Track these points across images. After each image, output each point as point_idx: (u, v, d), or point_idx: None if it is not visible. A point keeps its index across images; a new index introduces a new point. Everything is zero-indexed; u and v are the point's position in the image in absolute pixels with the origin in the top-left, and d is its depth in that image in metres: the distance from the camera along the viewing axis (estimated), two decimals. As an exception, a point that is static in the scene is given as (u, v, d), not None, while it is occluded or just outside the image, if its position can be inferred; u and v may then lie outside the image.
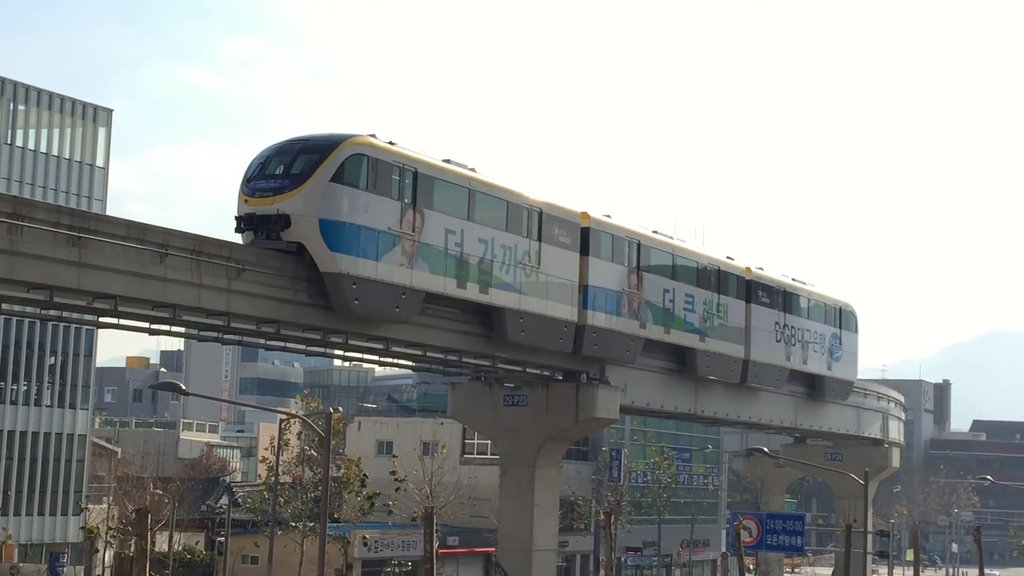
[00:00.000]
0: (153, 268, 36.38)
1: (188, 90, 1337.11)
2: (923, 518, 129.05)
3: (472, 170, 48.17)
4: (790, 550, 61.47)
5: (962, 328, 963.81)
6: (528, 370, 53.02)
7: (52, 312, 38.89)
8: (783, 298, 70.49)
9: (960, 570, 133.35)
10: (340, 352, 47.35)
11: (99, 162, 76.57)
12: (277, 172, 42.06)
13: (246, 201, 42.03)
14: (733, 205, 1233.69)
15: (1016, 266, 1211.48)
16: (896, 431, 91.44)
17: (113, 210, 76.66)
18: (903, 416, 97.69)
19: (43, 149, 74.09)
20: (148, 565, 34.29)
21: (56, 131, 75.03)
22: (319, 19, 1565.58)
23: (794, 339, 71.22)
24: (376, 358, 50.16)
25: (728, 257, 66.64)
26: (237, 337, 43.07)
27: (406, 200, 44.00)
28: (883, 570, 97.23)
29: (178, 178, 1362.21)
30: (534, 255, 50.64)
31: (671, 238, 61.63)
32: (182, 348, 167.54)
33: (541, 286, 51.13)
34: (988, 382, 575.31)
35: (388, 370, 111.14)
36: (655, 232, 60.00)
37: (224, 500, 79.33)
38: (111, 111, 77.76)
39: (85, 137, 76.13)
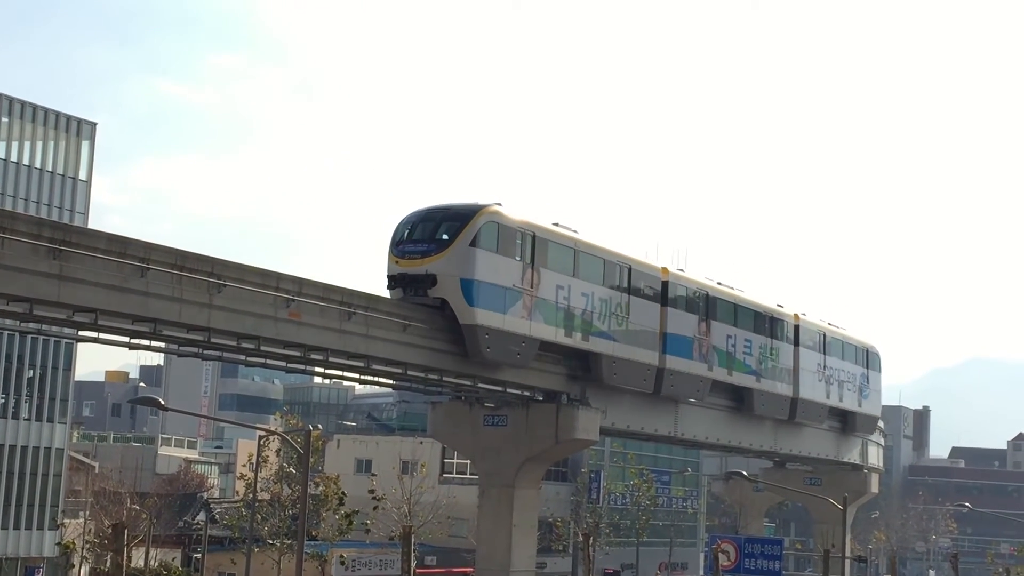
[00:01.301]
0: (134, 282, 36.24)
1: (171, 105, 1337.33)
2: (901, 544, 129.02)
3: (575, 232, 54.71)
4: (768, 574, 61.31)
5: (942, 355, 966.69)
6: (508, 390, 52.94)
7: (31, 325, 38.68)
8: (823, 341, 77.99)
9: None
10: (320, 369, 47.21)
11: (82, 175, 76.32)
12: (423, 237, 49.02)
13: (397, 262, 49.10)
14: (716, 227, 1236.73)
15: (996, 294, 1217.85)
16: (875, 456, 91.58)
17: (94, 224, 76.41)
18: (882, 442, 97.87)
19: (25, 161, 73.83)
20: (123, 581, 34.16)
21: (39, 143, 74.81)
22: (303, 35, 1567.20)
23: (832, 378, 78.83)
24: (357, 376, 50.08)
25: (779, 304, 74.16)
26: (217, 353, 42.95)
27: (526, 260, 50.93)
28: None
29: (160, 193, 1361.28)
30: (625, 306, 57.36)
31: (732, 288, 68.40)
32: (162, 363, 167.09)
33: (630, 334, 57.80)
34: (967, 409, 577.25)
35: (368, 388, 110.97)
36: (719, 283, 67.05)
37: (201, 516, 78.98)
38: (95, 124, 77.58)
39: (68, 150, 75.90)
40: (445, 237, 48.76)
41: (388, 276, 49.43)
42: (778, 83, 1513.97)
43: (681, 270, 63.08)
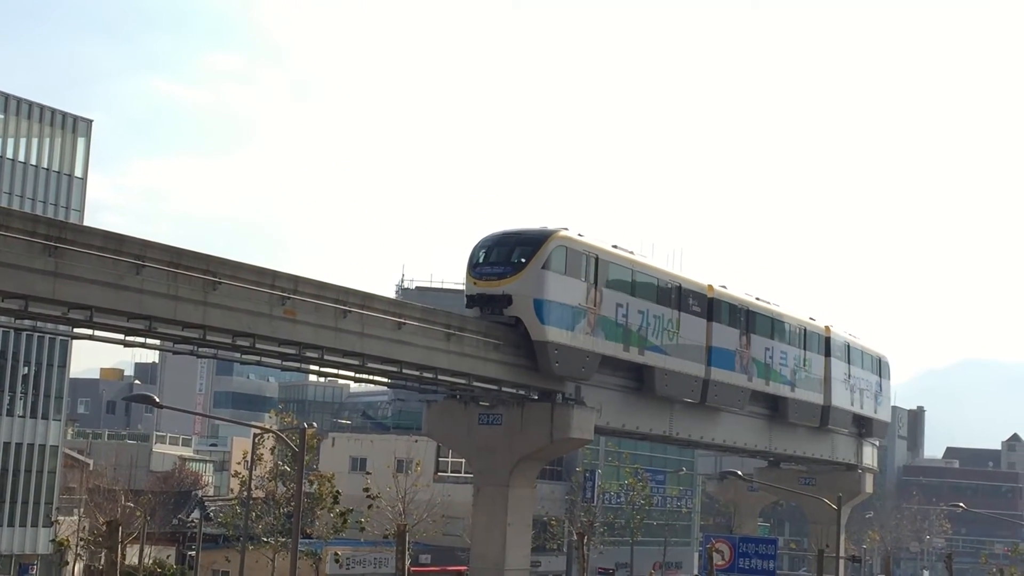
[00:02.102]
0: (129, 279, 36.20)
1: (166, 104, 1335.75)
2: (895, 544, 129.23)
3: (631, 253, 58.72)
4: (762, 574, 61.36)
5: (936, 356, 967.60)
6: (503, 389, 52.95)
7: (26, 322, 38.64)
8: (848, 351, 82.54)
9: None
10: (315, 367, 47.21)
11: (77, 172, 76.23)
12: (499, 260, 52.85)
13: (475, 283, 53.06)
14: (709, 225, 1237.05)
15: (990, 295, 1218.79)
16: (870, 457, 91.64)
17: (89, 221, 76.33)
18: (877, 442, 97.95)
19: (21, 158, 73.75)
20: (118, 578, 34.11)
21: (35, 140, 74.71)
22: (299, 35, 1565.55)
23: (855, 387, 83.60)
24: (351, 374, 50.11)
25: (811, 318, 78.69)
26: (212, 350, 42.94)
27: (590, 281, 54.71)
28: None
29: (154, 191, 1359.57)
30: (675, 322, 61.65)
31: (769, 303, 72.77)
32: (156, 361, 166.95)
33: (680, 348, 62.12)
34: (961, 409, 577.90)
35: (363, 386, 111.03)
36: (758, 299, 71.27)
37: (196, 514, 79.00)
38: (91, 121, 77.48)
39: (64, 147, 75.81)
40: (519, 260, 52.55)
41: (467, 296, 53.68)
42: (777, 83, 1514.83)
43: (724, 287, 67.20)
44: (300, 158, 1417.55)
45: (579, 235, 55.11)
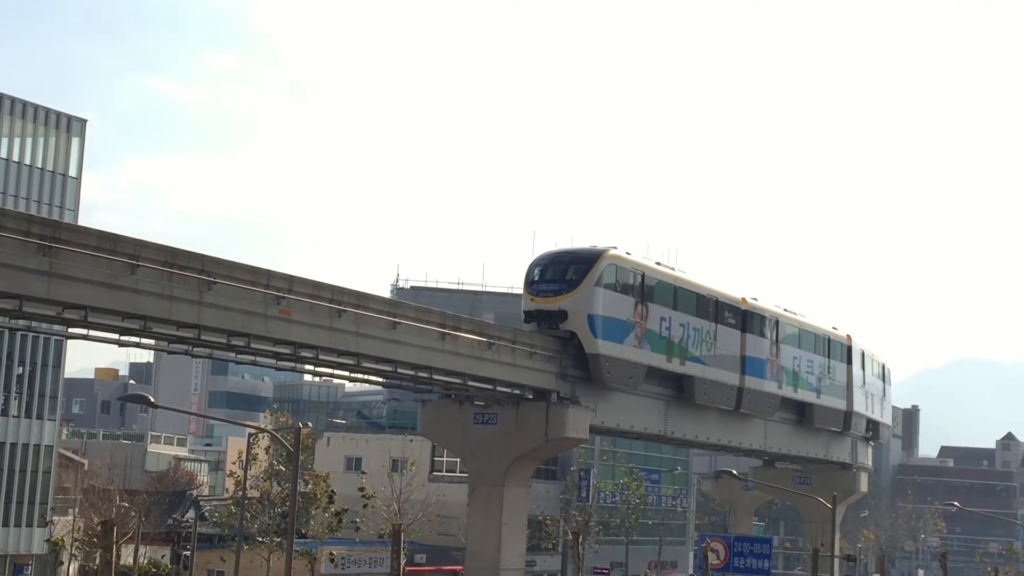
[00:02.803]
0: (124, 279, 36.15)
1: (160, 103, 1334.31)
2: (890, 543, 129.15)
3: (672, 269, 62.47)
4: (757, 573, 61.24)
5: (931, 355, 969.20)
6: (498, 388, 52.93)
7: (21, 322, 38.60)
8: (862, 359, 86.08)
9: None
10: (310, 367, 47.19)
11: (72, 172, 76.15)
12: (554, 278, 56.26)
13: (532, 300, 56.42)
14: (705, 225, 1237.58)
15: (985, 294, 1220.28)
16: (865, 456, 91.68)
17: (83, 221, 76.21)
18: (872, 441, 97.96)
19: (15, 158, 73.64)
20: (112, 578, 34.10)
21: (29, 140, 74.60)
22: (294, 35, 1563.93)
23: (870, 393, 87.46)
24: (346, 374, 50.10)
25: (833, 327, 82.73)
26: (207, 350, 42.90)
27: (637, 296, 58.39)
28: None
29: (148, 190, 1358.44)
30: (712, 334, 65.42)
31: (795, 313, 76.75)
32: (151, 360, 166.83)
33: (717, 358, 65.97)
34: (956, 409, 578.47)
35: (358, 386, 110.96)
36: (786, 310, 75.26)
37: (191, 514, 78.95)
38: (85, 121, 77.37)
39: (58, 147, 75.71)
40: (573, 278, 55.99)
41: (524, 311, 57.20)
42: (773, 82, 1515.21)
43: (755, 299, 71.11)
44: (295, 158, 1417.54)
45: (627, 253, 58.86)
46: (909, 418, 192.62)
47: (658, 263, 61.60)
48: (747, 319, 69.45)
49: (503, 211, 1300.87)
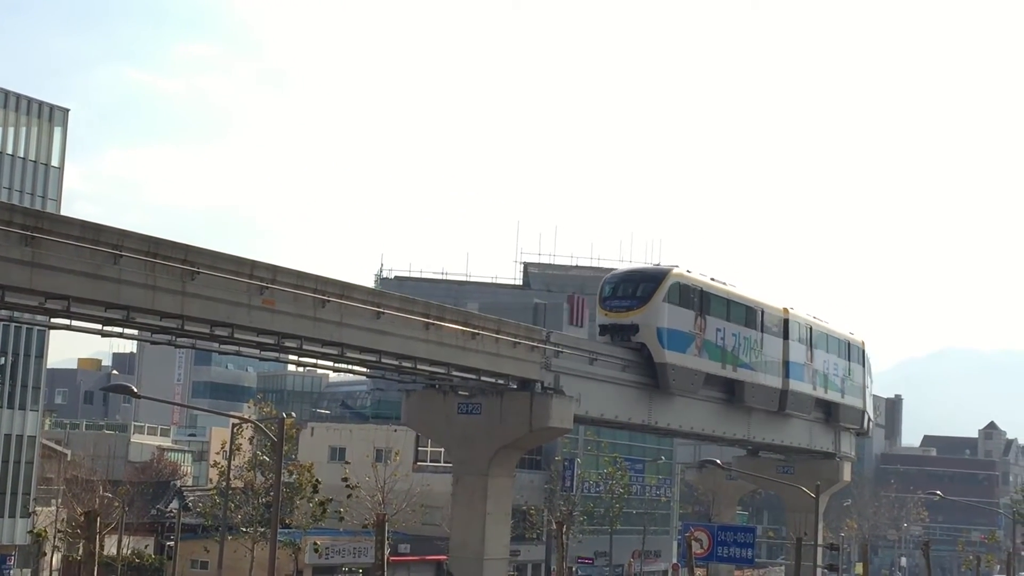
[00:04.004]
0: (107, 269, 36.07)
1: (140, 94, 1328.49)
2: (873, 532, 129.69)
3: (724, 283, 70.02)
4: (741, 562, 61.60)
5: (913, 344, 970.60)
6: (483, 378, 52.93)
7: (3, 312, 38.45)
8: (864, 359, 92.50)
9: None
10: (294, 357, 47.14)
11: (54, 162, 75.80)
12: (626, 295, 63.14)
13: (606, 315, 63.72)
14: (689, 216, 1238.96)
15: (968, 283, 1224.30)
16: (848, 445, 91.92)
17: (64, 211, 75.86)
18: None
19: (-3, 147, 73.30)
20: (96, 569, 34.01)
21: (11, 129, 74.23)
22: (275, 24, 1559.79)
23: (867, 390, 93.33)
24: (330, 364, 50.06)
25: (851, 332, 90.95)
26: (190, 340, 42.84)
27: (696, 310, 65.27)
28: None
29: (128, 181, 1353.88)
30: (759, 342, 72.65)
31: (825, 321, 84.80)
32: (134, 351, 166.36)
33: (763, 364, 73.28)
34: (939, 398, 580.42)
35: (342, 376, 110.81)
36: (815, 318, 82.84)
37: (174, 504, 78.84)
38: (67, 111, 76.98)
39: (40, 136, 75.35)
40: (643, 295, 62.80)
41: (599, 325, 64.98)
42: (775, 82, 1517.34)
43: (791, 308, 78.61)
44: (278, 149, 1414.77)
45: (688, 271, 65.98)
46: (892, 407, 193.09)
47: (712, 279, 68.93)
48: (788, 327, 76.80)
49: (487, 201, 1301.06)
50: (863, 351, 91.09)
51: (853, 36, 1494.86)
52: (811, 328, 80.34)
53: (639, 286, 63.38)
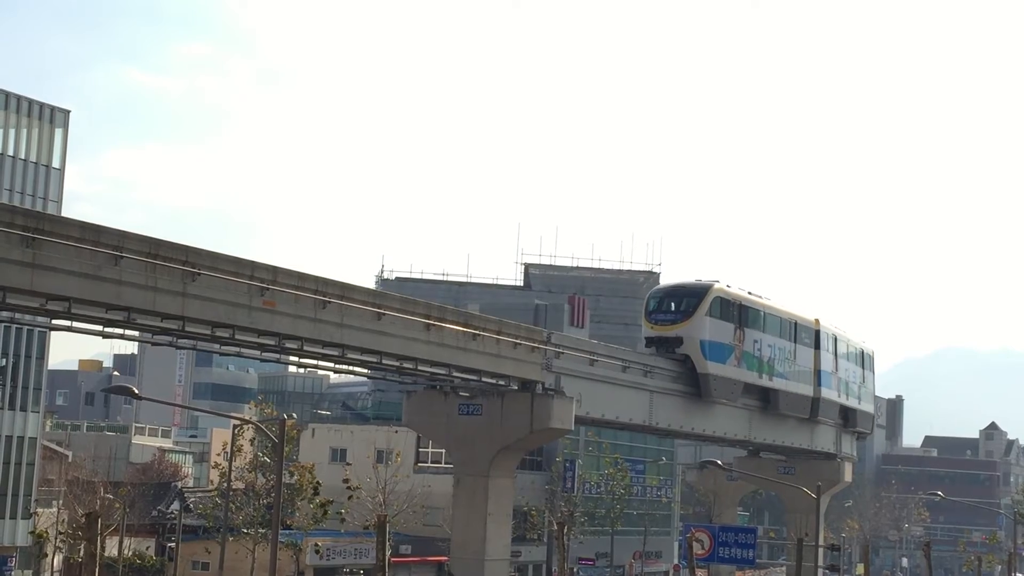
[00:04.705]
0: (108, 270, 36.09)
1: (138, 94, 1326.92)
2: (874, 532, 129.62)
3: (760, 296, 74.28)
4: (742, 563, 61.51)
5: (914, 345, 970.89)
6: (483, 379, 52.94)
7: (4, 313, 38.49)
8: (872, 364, 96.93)
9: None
10: (295, 358, 47.15)
11: (55, 163, 75.77)
12: (670, 309, 67.65)
13: (651, 328, 68.05)
14: (689, 216, 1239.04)
15: (967, 284, 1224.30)
16: (848, 446, 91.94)
17: (66, 213, 75.81)
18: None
19: (-2, 149, 73.24)
20: (98, 570, 33.97)
21: (12, 131, 74.20)
22: (271, 23, 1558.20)
23: (872, 393, 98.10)
24: (331, 365, 50.07)
25: (864, 340, 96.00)
26: (191, 341, 42.85)
27: (736, 323, 69.50)
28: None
29: (129, 182, 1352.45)
30: (792, 352, 77.14)
31: (845, 330, 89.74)
32: (135, 352, 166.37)
33: (796, 373, 77.96)
34: (939, 398, 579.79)
35: (343, 377, 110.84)
36: (835, 326, 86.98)
37: (175, 505, 78.81)
38: (68, 112, 76.93)
39: (41, 138, 75.30)
40: (686, 309, 67.07)
41: (645, 338, 68.94)
42: (775, 82, 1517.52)
43: (820, 319, 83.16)
44: (276, 148, 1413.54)
45: (727, 286, 70.26)
46: (893, 408, 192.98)
47: (750, 293, 73.20)
48: (819, 338, 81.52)
49: (488, 202, 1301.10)
50: (872, 358, 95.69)
51: (853, 35, 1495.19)
52: (836, 338, 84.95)
53: (683, 300, 67.63)
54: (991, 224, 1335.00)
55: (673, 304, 67.80)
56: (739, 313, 69.99)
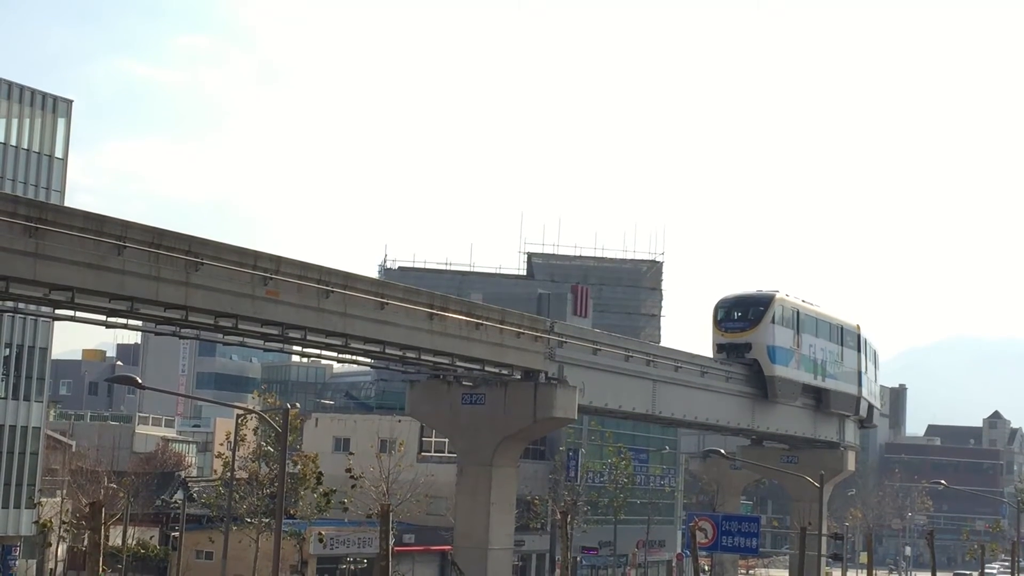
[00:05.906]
0: (111, 260, 36.10)
1: (139, 86, 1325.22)
2: (877, 521, 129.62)
3: (812, 304, 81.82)
4: (745, 551, 61.56)
5: (918, 333, 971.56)
6: (487, 369, 52.93)
7: (8, 303, 38.53)
8: (877, 359, 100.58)
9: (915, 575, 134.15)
10: (298, 348, 47.16)
11: (58, 153, 75.69)
12: (739, 317, 75.06)
13: (722, 335, 75.39)
14: (692, 206, 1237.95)
15: (973, 272, 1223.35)
16: (852, 434, 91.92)
17: (68, 203, 75.79)
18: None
19: (0, 139, 73.23)
20: (101, 560, 33.96)
21: (15, 121, 74.14)
22: (273, 16, 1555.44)
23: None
24: (334, 354, 50.07)
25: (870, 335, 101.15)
26: (194, 331, 42.86)
27: (794, 329, 77.13)
28: (837, 573, 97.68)
29: (130, 173, 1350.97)
30: (839, 355, 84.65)
31: (867, 331, 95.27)
32: (139, 342, 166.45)
33: (843, 374, 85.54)
34: (943, 387, 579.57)
35: (346, 367, 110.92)
36: (859, 327, 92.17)
37: (179, 495, 78.86)
38: (71, 102, 76.81)
39: (44, 128, 75.24)
40: (753, 317, 74.53)
41: (716, 344, 75.54)
42: (778, 74, 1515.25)
43: (858, 325, 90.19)
44: (278, 139, 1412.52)
45: (787, 295, 77.93)
46: (896, 397, 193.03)
47: (804, 300, 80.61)
48: (860, 342, 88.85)
49: (491, 191, 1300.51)
50: (877, 353, 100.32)
51: (856, 29, 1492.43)
52: (867, 341, 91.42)
53: (749, 309, 74.92)
54: (995, 213, 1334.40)
55: (740, 313, 74.89)
56: (796, 320, 77.46)
